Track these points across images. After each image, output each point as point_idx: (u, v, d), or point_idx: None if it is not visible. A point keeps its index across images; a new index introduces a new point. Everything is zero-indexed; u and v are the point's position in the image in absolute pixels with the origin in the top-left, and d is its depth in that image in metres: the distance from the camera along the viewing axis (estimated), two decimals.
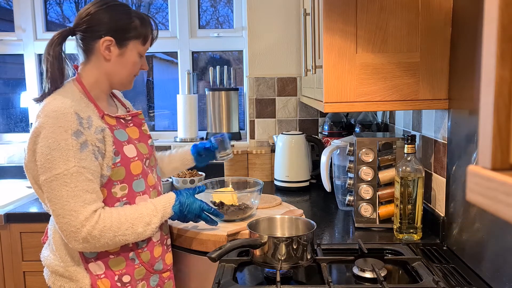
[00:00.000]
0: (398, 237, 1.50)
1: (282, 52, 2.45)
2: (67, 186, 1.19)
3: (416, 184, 1.45)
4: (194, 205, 1.40)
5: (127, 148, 1.32)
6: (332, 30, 1.36)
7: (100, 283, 1.30)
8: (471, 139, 1.25)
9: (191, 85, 2.63)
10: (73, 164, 1.19)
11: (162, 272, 1.42)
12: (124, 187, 1.31)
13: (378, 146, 1.57)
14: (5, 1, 2.77)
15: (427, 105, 1.39)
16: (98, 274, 1.30)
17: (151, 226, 1.29)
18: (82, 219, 1.19)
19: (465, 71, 1.29)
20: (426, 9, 1.35)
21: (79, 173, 1.20)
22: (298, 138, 2.21)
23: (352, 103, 1.38)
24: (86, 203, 1.20)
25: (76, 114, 1.22)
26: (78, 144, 1.20)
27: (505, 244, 1.08)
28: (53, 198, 1.20)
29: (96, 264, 1.30)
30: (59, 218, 1.21)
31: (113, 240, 1.24)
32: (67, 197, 1.19)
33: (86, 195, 1.21)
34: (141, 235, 1.28)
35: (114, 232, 1.23)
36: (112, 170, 1.27)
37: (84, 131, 1.22)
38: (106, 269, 1.31)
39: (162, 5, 2.76)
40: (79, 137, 1.20)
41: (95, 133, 1.24)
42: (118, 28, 1.30)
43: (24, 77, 2.71)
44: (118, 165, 1.28)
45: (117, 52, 1.32)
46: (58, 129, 1.19)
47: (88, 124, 1.23)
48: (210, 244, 1.46)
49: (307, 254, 1.23)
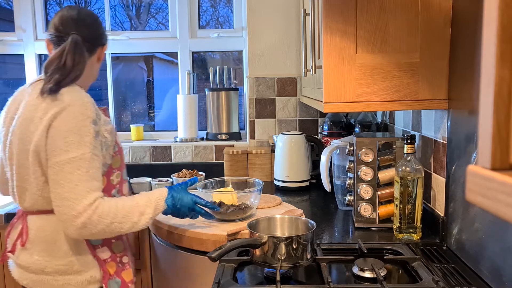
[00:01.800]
0: (397, 237, 1.51)
1: (282, 52, 2.46)
2: (79, 170, 1.23)
3: (416, 184, 1.45)
4: (186, 199, 1.44)
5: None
6: (332, 30, 1.36)
7: (108, 267, 1.39)
8: (470, 139, 1.25)
9: (191, 85, 2.63)
10: (89, 150, 1.25)
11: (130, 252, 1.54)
12: (119, 175, 1.42)
13: (378, 146, 1.57)
14: (5, 1, 2.77)
15: (427, 105, 1.39)
16: (105, 259, 1.38)
17: (145, 216, 1.33)
18: (86, 204, 1.23)
19: (465, 71, 1.29)
20: (426, 9, 1.35)
21: (92, 160, 1.26)
22: (298, 138, 2.21)
23: (351, 103, 1.38)
24: (91, 190, 1.24)
25: (93, 105, 1.31)
26: (94, 132, 1.27)
27: (504, 244, 1.08)
28: (62, 180, 1.23)
29: (102, 249, 1.38)
30: (63, 201, 1.23)
31: (109, 227, 1.26)
32: (77, 180, 1.23)
33: (93, 182, 1.26)
34: (136, 224, 1.32)
35: (112, 218, 1.26)
36: (113, 159, 1.38)
37: (98, 122, 1.30)
38: (111, 253, 1.40)
39: (162, 5, 2.76)
40: (96, 125, 1.28)
41: (104, 124, 1.33)
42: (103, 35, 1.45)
43: (24, 77, 2.71)
44: (117, 153, 1.40)
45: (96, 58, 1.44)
46: (80, 115, 1.25)
47: (100, 116, 1.32)
48: (210, 244, 1.46)
49: (307, 254, 1.23)
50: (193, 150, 2.57)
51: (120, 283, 1.40)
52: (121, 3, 2.79)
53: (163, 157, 2.58)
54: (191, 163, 2.56)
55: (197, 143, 2.57)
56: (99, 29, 1.43)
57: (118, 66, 2.84)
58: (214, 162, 2.56)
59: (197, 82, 2.74)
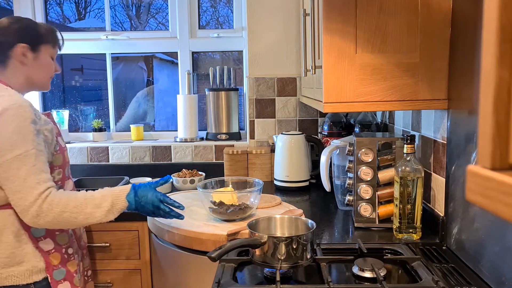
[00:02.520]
0: (397, 236, 1.51)
1: (282, 52, 2.46)
2: (26, 165, 1.33)
3: (416, 184, 1.45)
4: (151, 196, 1.45)
5: (59, 139, 1.53)
6: (332, 30, 1.36)
7: (52, 257, 1.45)
8: (470, 139, 1.25)
9: (191, 85, 2.63)
10: (32, 146, 1.34)
11: (83, 248, 1.64)
12: (60, 172, 1.51)
13: (378, 146, 1.57)
14: (5, 1, 2.77)
15: (427, 105, 1.39)
16: (49, 250, 1.45)
17: (101, 209, 1.38)
18: (36, 193, 1.32)
19: (465, 71, 1.29)
20: (426, 9, 1.35)
21: (37, 155, 1.35)
22: (298, 138, 2.21)
23: (351, 103, 1.38)
24: (41, 181, 1.34)
25: (31, 107, 1.39)
26: (35, 131, 1.36)
27: (504, 244, 1.08)
28: (12, 176, 1.32)
29: (45, 241, 1.44)
30: (15, 194, 1.32)
31: (61, 215, 1.34)
32: (26, 174, 1.32)
33: (42, 174, 1.35)
34: (90, 216, 1.37)
35: (62, 208, 1.34)
36: (54, 157, 1.47)
37: (38, 122, 1.39)
38: (55, 244, 1.46)
39: (162, 5, 2.76)
40: (35, 125, 1.37)
41: (44, 124, 1.42)
42: (31, 34, 1.49)
43: None
44: (58, 152, 1.48)
45: (32, 56, 1.49)
46: (18, 117, 1.34)
47: (39, 117, 1.41)
48: (210, 244, 1.46)
49: (307, 254, 1.23)
50: (193, 150, 2.57)
51: (65, 272, 1.47)
52: (121, 3, 2.80)
53: (163, 157, 2.58)
54: (191, 163, 2.56)
55: (197, 143, 2.57)
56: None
57: (118, 66, 2.84)
58: (214, 162, 2.56)
59: (197, 82, 2.74)
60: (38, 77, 1.53)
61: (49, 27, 1.57)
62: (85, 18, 2.92)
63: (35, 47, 1.50)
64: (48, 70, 1.55)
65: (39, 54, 1.51)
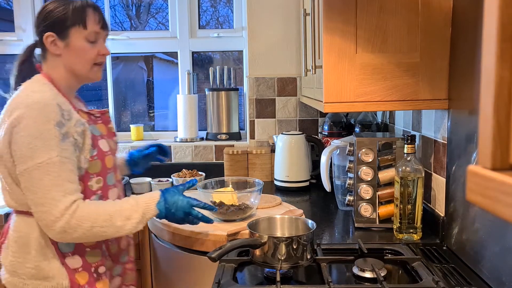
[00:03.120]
0: (398, 237, 1.50)
1: (282, 52, 2.46)
2: (49, 175, 1.20)
3: (416, 184, 1.45)
4: (182, 202, 1.35)
5: (101, 142, 1.35)
6: (332, 30, 1.36)
7: (78, 276, 1.30)
8: (471, 139, 1.25)
9: (191, 85, 2.63)
10: (56, 153, 1.20)
11: (125, 263, 1.47)
12: (100, 180, 1.33)
13: (378, 146, 1.57)
14: (5, 1, 2.77)
15: (427, 105, 1.39)
16: (75, 268, 1.30)
17: (131, 221, 1.27)
18: (62, 208, 1.20)
19: (465, 71, 1.29)
20: (426, 9, 1.35)
21: (62, 163, 1.21)
22: (298, 138, 2.21)
23: (352, 103, 1.38)
24: (67, 193, 1.21)
25: (58, 106, 1.24)
26: (60, 135, 1.22)
27: (504, 244, 1.08)
28: (33, 187, 1.20)
29: (73, 258, 1.31)
30: (38, 207, 1.21)
31: (90, 231, 1.23)
32: (49, 186, 1.19)
33: (68, 185, 1.22)
34: (121, 229, 1.27)
35: (92, 223, 1.22)
36: (89, 163, 1.30)
37: (66, 123, 1.24)
38: (84, 262, 1.32)
39: (162, 5, 2.76)
40: (61, 127, 1.22)
41: (75, 125, 1.26)
42: (54, 21, 1.32)
43: None
44: (95, 158, 1.31)
45: (62, 44, 1.32)
46: (40, 119, 1.20)
47: (69, 117, 1.26)
48: (210, 244, 1.46)
49: (307, 254, 1.23)
50: (193, 150, 2.57)
51: None
52: (121, 3, 2.80)
53: None
54: (191, 163, 2.56)
55: (197, 143, 2.57)
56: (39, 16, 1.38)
57: (118, 66, 2.84)
58: (214, 162, 2.56)
59: (197, 82, 2.74)
60: (76, 66, 1.34)
61: (79, 5, 1.33)
62: None
63: (62, 34, 1.32)
64: (84, 56, 1.34)
65: (69, 40, 1.32)
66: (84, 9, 1.33)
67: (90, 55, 1.35)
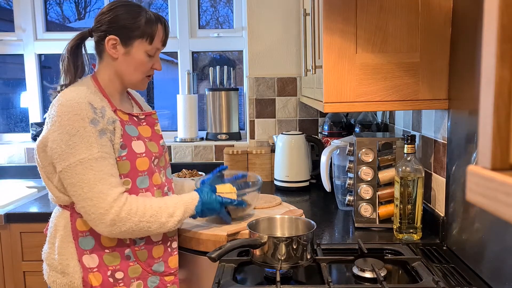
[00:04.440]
0: (398, 237, 1.50)
1: (282, 52, 2.46)
2: (93, 170, 1.22)
3: (416, 184, 1.45)
4: (215, 204, 1.39)
5: (135, 143, 1.33)
6: (332, 30, 1.36)
7: (92, 277, 1.29)
8: (471, 139, 1.25)
9: (191, 85, 2.63)
10: (97, 150, 1.23)
11: (163, 274, 1.39)
12: (128, 182, 1.31)
13: (378, 146, 1.57)
14: (5, 1, 2.77)
15: (427, 105, 1.39)
16: (91, 268, 1.30)
17: (174, 218, 1.30)
18: (111, 200, 1.22)
19: (465, 71, 1.29)
20: (426, 9, 1.35)
21: (103, 158, 1.24)
22: (298, 138, 2.21)
23: (352, 103, 1.38)
24: (112, 186, 1.23)
25: (90, 104, 1.25)
26: (97, 132, 1.24)
27: (505, 244, 1.08)
28: (79, 182, 1.22)
29: (90, 257, 1.30)
30: (87, 202, 1.22)
31: (138, 225, 1.25)
32: (94, 180, 1.22)
33: (112, 179, 1.24)
34: (164, 225, 1.29)
35: (140, 217, 1.25)
36: (117, 163, 1.29)
37: (100, 120, 1.26)
38: (100, 263, 1.30)
39: (162, 5, 2.76)
40: (97, 124, 1.24)
41: (107, 123, 1.28)
42: (122, 27, 1.31)
43: (24, 77, 2.71)
44: (123, 158, 1.30)
45: (123, 50, 1.33)
46: (74, 117, 1.22)
47: (102, 114, 1.27)
48: (210, 244, 1.46)
49: (307, 254, 1.23)
50: (193, 150, 2.57)
51: None
52: None
53: None
54: (191, 163, 2.56)
55: (197, 143, 2.57)
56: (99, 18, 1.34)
57: None
58: (214, 162, 2.56)
59: (197, 82, 2.74)
60: (128, 74, 1.35)
61: (152, 19, 1.33)
62: (85, 18, 2.92)
63: (127, 41, 1.32)
64: (140, 68, 1.35)
65: (131, 49, 1.33)
66: (156, 24, 1.34)
67: (146, 68, 1.37)
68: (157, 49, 1.37)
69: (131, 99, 1.52)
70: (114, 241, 1.32)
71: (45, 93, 2.75)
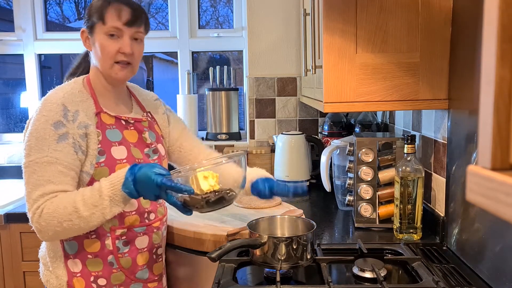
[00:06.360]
0: (398, 237, 1.50)
1: (282, 52, 2.45)
2: (35, 174, 1.19)
3: (416, 184, 1.45)
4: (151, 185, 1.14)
5: (116, 149, 1.28)
6: (332, 30, 1.36)
7: (76, 281, 1.28)
8: (471, 139, 1.25)
9: (191, 85, 2.63)
10: (45, 154, 1.19)
11: (147, 281, 1.37)
12: None
13: (378, 146, 1.57)
14: (5, 1, 2.77)
15: (427, 105, 1.39)
16: (74, 272, 1.29)
17: (99, 208, 1.16)
18: (34, 208, 1.19)
19: (465, 71, 1.29)
20: (426, 9, 1.35)
21: (49, 163, 1.19)
22: (298, 138, 2.21)
23: (352, 103, 1.38)
24: (45, 194, 1.19)
25: (63, 106, 1.24)
26: (56, 135, 1.21)
27: (505, 244, 1.08)
28: (25, 183, 1.22)
29: (74, 261, 1.29)
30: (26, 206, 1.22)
31: (61, 227, 1.17)
32: (34, 184, 1.19)
33: (49, 186, 1.19)
34: (90, 218, 1.17)
35: (59, 219, 1.17)
36: (95, 169, 1.24)
37: (67, 124, 1.22)
38: (83, 268, 1.29)
39: (162, 5, 2.76)
40: (59, 128, 1.21)
41: (77, 127, 1.23)
42: (88, 17, 1.31)
43: (24, 77, 2.71)
44: (102, 165, 1.25)
45: (91, 40, 1.32)
46: (41, 117, 1.22)
47: (73, 118, 1.24)
48: (210, 244, 1.46)
49: (307, 254, 1.23)
50: None
51: None
52: None
53: None
54: None
55: None
56: None
57: None
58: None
59: (197, 82, 2.74)
60: (100, 65, 1.30)
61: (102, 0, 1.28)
62: None
63: (91, 30, 1.29)
64: (104, 52, 1.27)
65: (95, 36, 1.29)
66: (106, 2, 1.28)
67: (110, 51, 1.27)
68: (118, 29, 1.27)
69: (133, 99, 1.47)
70: (96, 247, 1.28)
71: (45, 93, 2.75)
